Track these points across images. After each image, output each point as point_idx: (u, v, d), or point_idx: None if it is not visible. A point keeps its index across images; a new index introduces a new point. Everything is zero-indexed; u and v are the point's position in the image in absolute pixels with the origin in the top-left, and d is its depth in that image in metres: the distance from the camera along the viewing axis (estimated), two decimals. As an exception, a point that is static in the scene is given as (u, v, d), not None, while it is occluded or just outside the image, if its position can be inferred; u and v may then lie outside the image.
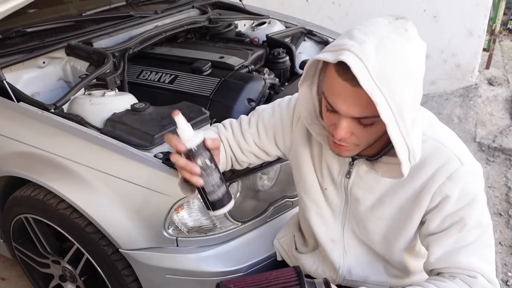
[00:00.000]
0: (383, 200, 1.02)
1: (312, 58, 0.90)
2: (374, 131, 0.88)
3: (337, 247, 1.14)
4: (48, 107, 1.44)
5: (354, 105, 0.83)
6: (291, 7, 3.81)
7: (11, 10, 1.63)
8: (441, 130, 1.00)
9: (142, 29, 1.92)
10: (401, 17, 0.85)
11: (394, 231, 1.04)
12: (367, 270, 1.14)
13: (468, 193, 0.94)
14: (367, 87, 0.77)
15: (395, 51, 0.80)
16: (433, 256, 0.97)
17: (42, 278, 1.80)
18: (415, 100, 0.85)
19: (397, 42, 0.81)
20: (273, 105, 1.18)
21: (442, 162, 0.94)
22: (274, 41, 2.03)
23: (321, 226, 1.14)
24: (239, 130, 1.18)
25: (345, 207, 1.09)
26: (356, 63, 0.77)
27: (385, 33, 0.81)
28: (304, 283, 0.88)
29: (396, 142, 0.83)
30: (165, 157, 1.32)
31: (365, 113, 0.84)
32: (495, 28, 3.84)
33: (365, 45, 0.79)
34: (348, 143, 0.91)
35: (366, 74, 0.78)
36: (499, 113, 3.37)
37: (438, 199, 0.95)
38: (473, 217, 0.94)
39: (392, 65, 0.80)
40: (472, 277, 0.93)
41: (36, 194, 1.47)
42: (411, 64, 0.82)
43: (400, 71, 0.80)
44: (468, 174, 0.94)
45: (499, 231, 2.30)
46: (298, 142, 1.12)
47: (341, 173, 1.06)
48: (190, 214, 1.34)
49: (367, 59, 0.78)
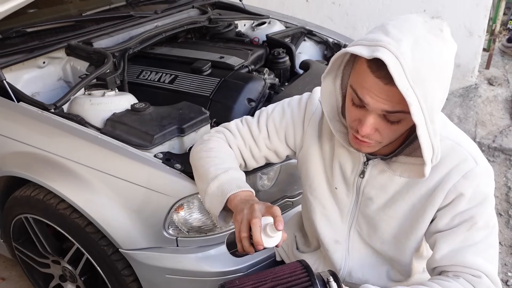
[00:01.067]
0: (396, 199, 1.01)
1: (342, 50, 0.87)
2: (398, 129, 0.88)
3: (340, 248, 1.14)
4: (48, 107, 1.44)
5: (384, 101, 0.82)
6: (291, 7, 3.81)
7: (11, 10, 1.63)
8: (454, 130, 1.01)
9: (142, 29, 1.92)
10: (436, 17, 0.84)
11: (405, 230, 1.03)
12: (368, 273, 1.14)
13: (480, 193, 0.94)
14: (402, 87, 0.77)
15: (431, 52, 0.79)
16: (440, 253, 0.96)
17: (42, 278, 1.80)
18: (443, 102, 0.85)
19: (433, 43, 0.80)
20: (283, 105, 1.16)
21: (458, 161, 0.95)
22: (274, 41, 2.03)
23: (326, 226, 1.13)
24: (250, 136, 1.15)
25: (354, 207, 1.08)
26: (392, 62, 0.76)
27: (422, 33, 0.80)
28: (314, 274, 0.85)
29: (424, 144, 0.83)
30: (165, 157, 1.32)
31: (395, 108, 0.83)
32: (495, 28, 3.83)
33: (402, 43, 0.78)
34: (371, 139, 0.90)
35: (402, 73, 0.77)
36: (499, 113, 3.37)
37: (452, 197, 0.95)
38: (483, 217, 0.95)
39: (428, 66, 0.79)
40: (477, 277, 0.93)
41: (36, 194, 1.47)
42: (445, 66, 0.82)
43: (435, 73, 0.80)
44: (482, 175, 0.95)
45: (499, 231, 2.30)
46: (309, 142, 1.11)
47: (354, 172, 1.05)
48: (190, 214, 1.34)
49: (403, 58, 0.77)
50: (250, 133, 1.15)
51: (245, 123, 1.17)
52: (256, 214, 0.89)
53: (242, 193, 0.99)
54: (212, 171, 1.03)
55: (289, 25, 2.37)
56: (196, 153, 1.14)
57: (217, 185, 1.01)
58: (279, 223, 0.87)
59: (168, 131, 1.38)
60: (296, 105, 1.13)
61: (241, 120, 1.19)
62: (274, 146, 1.15)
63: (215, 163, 1.06)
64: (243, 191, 0.99)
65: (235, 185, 1.00)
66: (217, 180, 1.01)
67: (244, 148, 1.15)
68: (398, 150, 0.98)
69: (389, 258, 1.10)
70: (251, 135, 1.15)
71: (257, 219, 0.88)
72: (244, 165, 1.19)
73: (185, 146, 1.42)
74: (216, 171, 1.03)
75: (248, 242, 0.90)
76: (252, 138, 1.15)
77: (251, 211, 0.90)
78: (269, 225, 0.87)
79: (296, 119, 1.12)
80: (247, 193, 1.00)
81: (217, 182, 1.01)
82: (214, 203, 1.01)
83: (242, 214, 0.91)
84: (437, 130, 0.84)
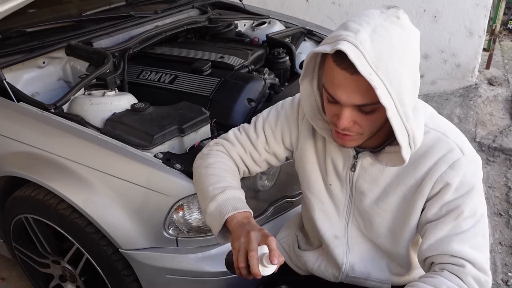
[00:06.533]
0: (387, 191, 1.03)
1: (310, 52, 0.92)
2: (376, 119, 0.90)
3: (340, 243, 1.15)
4: (48, 107, 1.44)
5: (355, 93, 0.85)
6: (291, 7, 3.81)
7: (11, 10, 1.63)
8: (442, 122, 1.04)
9: (142, 29, 1.92)
10: (392, 6, 0.89)
11: (399, 222, 1.05)
12: (369, 267, 1.15)
13: (467, 183, 0.96)
14: (365, 72, 0.80)
15: (390, 37, 0.84)
16: (426, 243, 0.98)
17: (42, 278, 1.80)
18: (414, 85, 0.88)
19: (391, 29, 0.84)
20: (277, 108, 1.19)
21: (444, 151, 0.97)
22: (274, 41, 2.03)
23: (325, 222, 1.15)
24: (249, 143, 1.18)
25: (349, 202, 1.10)
26: (352, 51, 0.81)
27: (379, 22, 0.85)
28: None
29: (395, 126, 0.85)
30: (165, 157, 1.32)
31: (365, 100, 0.86)
32: (495, 28, 3.83)
33: (360, 33, 0.83)
34: (352, 131, 0.93)
35: (363, 60, 0.81)
36: (499, 113, 3.37)
37: (439, 187, 0.97)
38: (469, 206, 0.96)
39: (388, 50, 0.83)
40: (460, 266, 0.94)
41: (36, 194, 1.47)
42: (406, 49, 0.85)
43: (396, 56, 0.84)
44: (469, 164, 0.97)
45: (499, 231, 2.30)
46: (304, 140, 1.13)
47: (346, 166, 1.07)
48: (190, 214, 1.34)
49: (362, 47, 0.81)
50: (249, 139, 1.18)
51: (243, 131, 1.20)
52: (253, 246, 0.91)
53: (238, 215, 1.01)
54: (210, 190, 1.07)
55: (289, 25, 2.37)
56: (195, 169, 1.18)
57: (215, 206, 1.04)
58: (274, 257, 0.89)
59: (168, 131, 1.38)
60: (289, 106, 1.16)
61: (238, 128, 1.22)
62: (273, 149, 1.18)
63: (213, 182, 1.08)
64: (240, 212, 1.02)
65: (232, 206, 1.02)
66: (214, 201, 1.04)
67: (245, 154, 1.18)
68: (387, 142, 1.00)
69: (387, 251, 1.12)
70: (249, 141, 1.18)
71: (254, 252, 0.91)
72: (248, 171, 1.22)
73: (185, 146, 1.42)
74: (213, 191, 1.06)
75: (246, 271, 0.93)
76: (251, 144, 1.18)
77: (248, 240, 0.93)
78: (265, 256, 0.90)
79: (291, 120, 1.15)
80: (244, 214, 1.02)
81: (215, 203, 1.04)
82: (213, 223, 1.05)
83: (239, 242, 0.94)
84: (409, 113, 0.87)
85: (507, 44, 4.66)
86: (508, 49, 4.50)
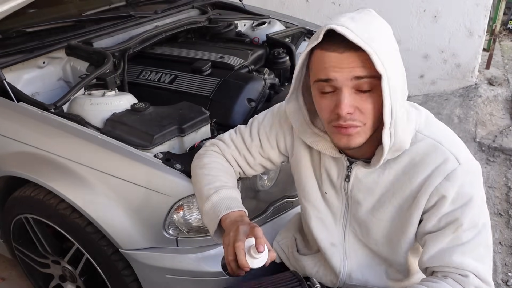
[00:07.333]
0: (382, 201, 1.02)
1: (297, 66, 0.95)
2: (374, 100, 0.88)
3: (337, 251, 1.14)
4: (48, 107, 1.44)
5: (348, 69, 0.86)
6: (291, 7, 3.81)
7: (11, 10, 1.63)
8: (438, 129, 1.01)
9: (142, 29, 1.92)
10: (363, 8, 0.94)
11: (396, 232, 1.04)
12: (367, 274, 1.14)
13: (465, 194, 0.94)
14: (358, 41, 0.83)
15: (368, 20, 0.88)
16: (427, 254, 0.97)
17: (42, 278, 1.80)
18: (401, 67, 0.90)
19: (366, 16, 0.90)
20: (272, 113, 1.18)
21: (439, 161, 0.94)
22: (274, 41, 2.03)
23: (322, 230, 1.14)
24: (243, 146, 1.18)
25: (346, 210, 1.09)
26: (340, 28, 0.84)
27: (354, 14, 0.90)
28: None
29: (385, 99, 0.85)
30: (165, 157, 1.32)
31: (360, 73, 0.86)
32: (495, 28, 3.83)
33: (341, 19, 0.87)
34: (355, 120, 0.89)
35: (352, 34, 0.83)
36: (499, 113, 3.37)
37: (435, 199, 0.95)
38: (468, 218, 0.94)
39: (371, 28, 0.86)
40: (464, 276, 0.94)
41: (36, 194, 1.47)
42: (385, 31, 0.89)
43: (378, 33, 0.87)
44: (465, 174, 0.94)
45: (499, 231, 2.30)
46: (299, 147, 1.12)
47: (340, 177, 1.06)
48: (190, 214, 1.34)
49: (347, 25, 0.85)
50: (243, 142, 1.18)
51: (239, 133, 1.21)
52: (239, 237, 0.92)
53: (232, 214, 1.02)
54: (205, 190, 1.08)
55: (289, 25, 2.37)
56: (192, 169, 1.20)
57: (210, 206, 1.05)
58: (260, 245, 0.89)
59: (168, 131, 1.38)
60: (283, 111, 1.15)
61: (235, 130, 1.23)
62: (267, 154, 1.18)
63: (208, 182, 1.10)
64: (233, 211, 1.02)
65: (225, 206, 1.04)
66: (209, 201, 1.06)
67: (239, 157, 1.19)
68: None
69: (385, 257, 1.11)
70: (244, 144, 1.18)
71: (240, 242, 0.91)
72: (243, 173, 1.22)
73: (185, 146, 1.42)
74: (208, 191, 1.07)
75: (235, 264, 0.93)
76: (245, 147, 1.18)
77: (235, 234, 0.93)
78: (253, 246, 0.90)
79: (285, 125, 1.14)
80: (238, 213, 1.03)
81: (210, 203, 1.06)
82: (209, 223, 1.06)
83: (228, 237, 0.95)
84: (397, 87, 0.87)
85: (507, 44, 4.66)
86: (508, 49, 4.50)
